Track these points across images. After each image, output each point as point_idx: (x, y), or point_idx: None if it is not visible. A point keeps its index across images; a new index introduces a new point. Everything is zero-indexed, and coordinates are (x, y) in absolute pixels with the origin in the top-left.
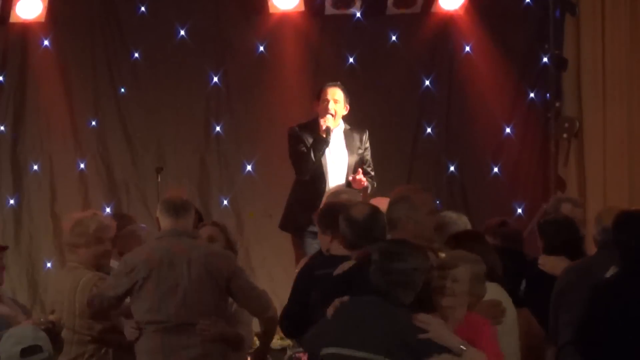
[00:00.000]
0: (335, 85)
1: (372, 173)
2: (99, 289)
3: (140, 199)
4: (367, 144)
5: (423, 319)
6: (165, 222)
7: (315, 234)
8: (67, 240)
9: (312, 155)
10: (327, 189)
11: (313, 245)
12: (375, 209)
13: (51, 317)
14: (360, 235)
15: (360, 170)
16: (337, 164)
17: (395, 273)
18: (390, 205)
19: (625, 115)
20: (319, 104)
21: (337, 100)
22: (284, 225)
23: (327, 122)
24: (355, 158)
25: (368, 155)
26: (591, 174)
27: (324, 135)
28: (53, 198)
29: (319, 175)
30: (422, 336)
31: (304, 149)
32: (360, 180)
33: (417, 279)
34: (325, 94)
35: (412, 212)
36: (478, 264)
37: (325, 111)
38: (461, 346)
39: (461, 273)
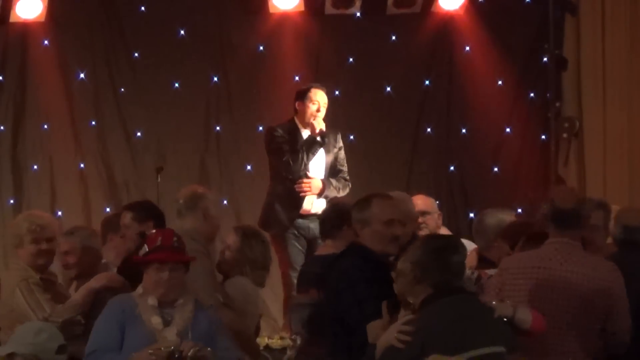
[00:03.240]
0: (321, 89)
1: (345, 170)
2: None
3: (140, 198)
4: (341, 144)
5: (485, 300)
6: None
7: (296, 235)
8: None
9: (304, 156)
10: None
11: (295, 246)
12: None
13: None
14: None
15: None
16: (316, 163)
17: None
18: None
19: (625, 115)
20: (304, 104)
21: (324, 104)
22: (265, 225)
23: (319, 125)
24: (331, 157)
25: (342, 154)
26: (591, 174)
27: (319, 138)
28: (53, 198)
29: (300, 174)
30: (496, 315)
31: (288, 149)
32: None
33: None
34: (315, 96)
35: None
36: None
37: (316, 114)
38: (510, 307)
39: None
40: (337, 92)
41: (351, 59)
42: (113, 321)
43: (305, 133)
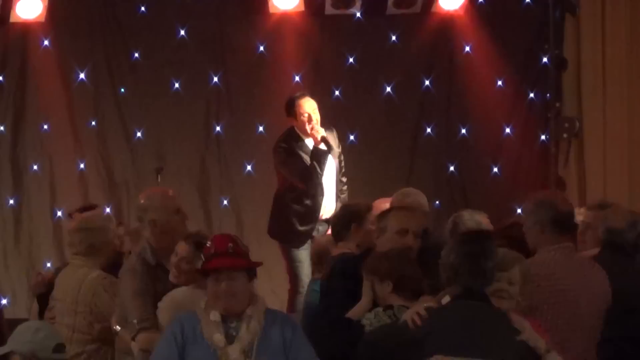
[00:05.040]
0: (304, 97)
1: (343, 173)
2: None
3: None
4: (338, 142)
5: (516, 319)
6: None
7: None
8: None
9: (317, 167)
10: (323, 198)
11: (306, 260)
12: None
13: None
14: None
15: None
16: (327, 169)
17: (489, 272)
18: None
19: (625, 115)
20: (295, 119)
21: (314, 109)
22: (281, 237)
23: (320, 132)
24: (337, 160)
25: (341, 154)
26: (591, 174)
27: (323, 145)
28: (53, 198)
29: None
30: (520, 337)
31: (300, 162)
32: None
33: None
34: (302, 108)
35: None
36: (525, 263)
37: (309, 124)
38: (545, 345)
39: (515, 275)
40: (337, 92)
41: (351, 59)
42: (172, 341)
43: (309, 141)
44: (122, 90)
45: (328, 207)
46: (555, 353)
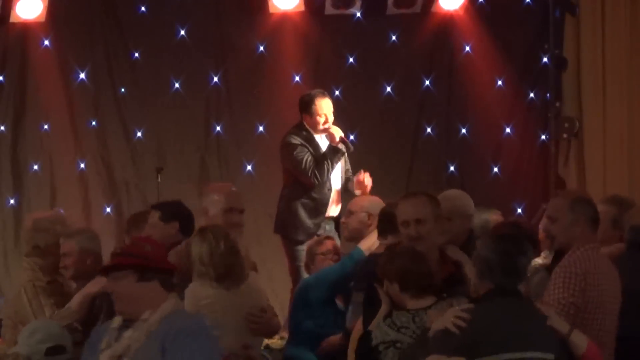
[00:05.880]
0: (325, 96)
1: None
2: None
3: (140, 199)
4: None
5: (541, 306)
6: None
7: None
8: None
9: (329, 166)
10: (331, 192)
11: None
12: None
13: None
14: None
15: (362, 172)
16: (335, 169)
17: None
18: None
19: (625, 115)
20: (310, 117)
21: (331, 111)
22: (289, 230)
23: (338, 132)
24: (343, 161)
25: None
26: (591, 174)
27: (342, 146)
28: (53, 198)
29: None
30: (549, 323)
31: (311, 157)
32: (363, 182)
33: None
34: (321, 109)
35: None
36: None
37: (324, 123)
38: (567, 325)
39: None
40: (337, 92)
41: (351, 59)
42: (85, 351)
43: (320, 139)
44: (122, 90)
45: (334, 204)
46: (578, 331)
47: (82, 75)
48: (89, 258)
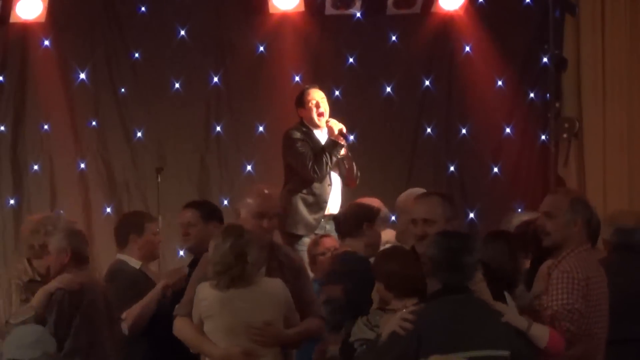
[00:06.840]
0: (314, 87)
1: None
2: None
3: (140, 199)
4: None
5: (495, 303)
6: None
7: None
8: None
9: (329, 159)
10: (331, 188)
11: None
12: None
13: None
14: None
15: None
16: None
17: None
18: None
19: (625, 115)
20: (304, 107)
21: (322, 98)
22: (290, 226)
23: (336, 124)
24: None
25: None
26: (591, 174)
27: (342, 138)
28: (53, 198)
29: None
30: (504, 319)
31: (311, 153)
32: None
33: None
34: (310, 96)
35: None
36: None
37: (320, 111)
38: (525, 321)
39: None
40: (337, 92)
41: (351, 59)
42: None
43: (319, 134)
44: (122, 90)
45: (334, 201)
46: (537, 324)
47: (82, 76)
48: (66, 256)
